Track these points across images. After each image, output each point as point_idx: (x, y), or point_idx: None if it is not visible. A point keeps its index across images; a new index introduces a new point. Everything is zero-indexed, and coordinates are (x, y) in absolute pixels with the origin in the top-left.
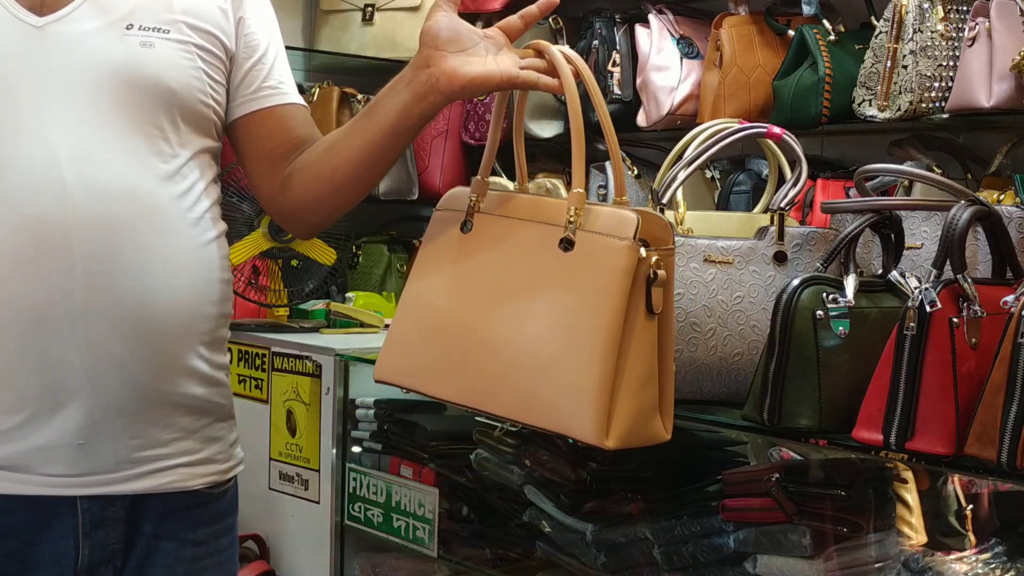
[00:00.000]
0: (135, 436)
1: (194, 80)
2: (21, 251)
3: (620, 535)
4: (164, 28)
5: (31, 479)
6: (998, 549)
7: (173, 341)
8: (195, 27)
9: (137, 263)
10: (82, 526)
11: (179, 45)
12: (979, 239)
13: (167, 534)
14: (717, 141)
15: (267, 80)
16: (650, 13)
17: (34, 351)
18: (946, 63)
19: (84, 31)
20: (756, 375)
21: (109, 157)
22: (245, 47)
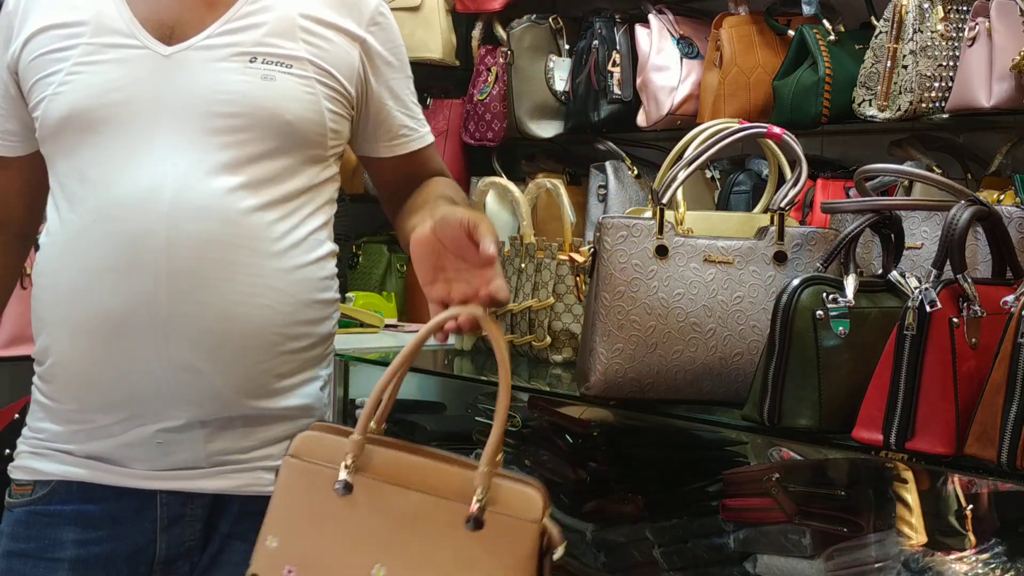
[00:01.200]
0: (213, 440)
1: (312, 114)
2: (117, 262)
3: (620, 535)
4: (287, 63)
5: (118, 471)
6: (998, 549)
7: (254, 357)
8: (319, 66)
9: (222, 282)
10: (160, 520)
11: (301, 80)
12: (979, 239)
13: (240, 535)
14: (717, 141)
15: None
16: (650, 13)
17: (118, 356)
18: (946, 63)
19: (208, 60)
20: (756, 375)
21: (212, 182)
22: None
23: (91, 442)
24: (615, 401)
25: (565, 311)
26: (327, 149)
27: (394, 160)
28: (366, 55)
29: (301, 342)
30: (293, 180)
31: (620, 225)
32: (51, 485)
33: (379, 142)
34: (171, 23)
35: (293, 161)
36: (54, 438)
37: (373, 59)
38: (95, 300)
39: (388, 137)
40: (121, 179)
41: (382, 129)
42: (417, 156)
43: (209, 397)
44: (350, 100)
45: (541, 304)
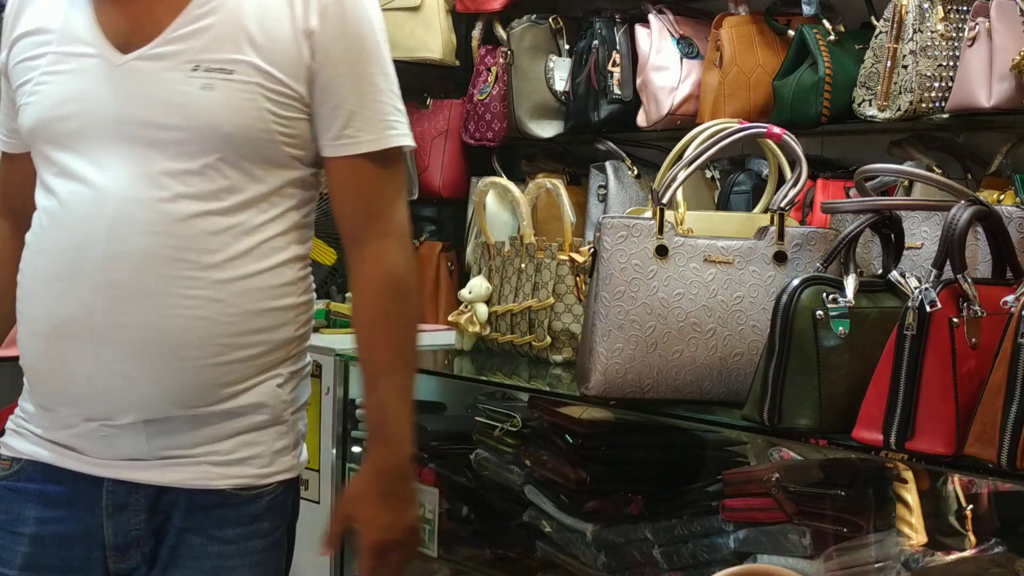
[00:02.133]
0: (155, 438)
1: (253, 122)
2: (61, 271)
3: (620, 535)
4: (228, 69)
5: (74, 456)
6: (998, 549)
7: (193, 369)
8: (262, 69)
9: (157, 295)
10: (105, 507)
11: (241, 86)
12: (979, 239)
13: (194, 528)
14: (717, 141)
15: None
16: (650, 13)
17: (63, 360)
18: (946, 63)
19: (154, 70)
20: (756, 375)
21: (153, 195)
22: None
23: (54, 430)
24: (615, 401)
25: (565, 311)
26: (282, 153)
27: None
28: (314, 49)
29: (251, 350)
30: (241, 189)
31: (620, 225)
32: (21, 463)
33: (326, 139)
34: (128, 31)
35: (239, 170)
36: (29, 419)
37: (321, 52)
38: (43, 305)
39: (334, 134)
40: (72, 189)
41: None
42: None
43: (147, 403)
44: (301, 99)
45: (541, 304)
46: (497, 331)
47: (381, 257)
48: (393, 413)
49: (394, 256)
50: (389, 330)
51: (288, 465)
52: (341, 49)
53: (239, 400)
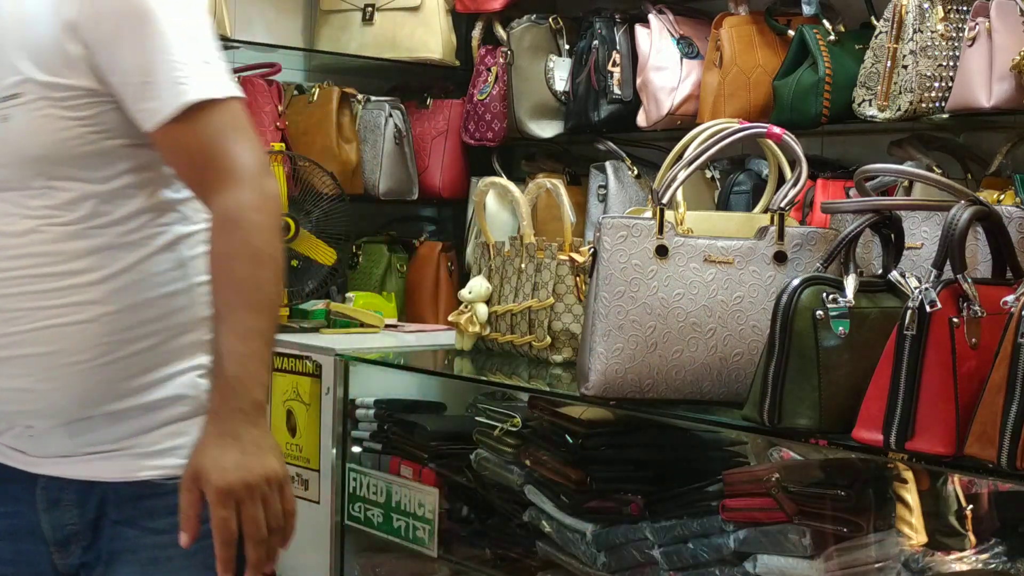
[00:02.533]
0: (76, 436)
1: (57, 133)
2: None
3: (620, 535)
4: (15, 94)
5: (15, 455)
6: (998, 549)
7: (88, 370)
8: (41, 82)
9: (32, 311)
10: (40, 503)
11: (31, 107)
12: (979, 239)
13: (127, 521)
14: (717, 141)
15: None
16: (650, 13)
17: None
18: (946, 63)
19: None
20: (756, 375)
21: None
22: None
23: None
24: (615, 401)
25: (565, 311)
26: (107, 146)
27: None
28: (82, 38)
29: (146, 341)
30: (83, 192)
31: (620, 225)
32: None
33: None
34: None
35: (71, 179)
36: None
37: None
38: None
39: (133, 111)
40: None
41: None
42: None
43: (54, 409)
44: (94, 92)
45: (541, 304)
46: (497, 331)
47: (221, 201)
48: (231, 354)
49: (233, 197)
50: (227, 268)
51: None
52: (107, 26)
53: (156, 393)
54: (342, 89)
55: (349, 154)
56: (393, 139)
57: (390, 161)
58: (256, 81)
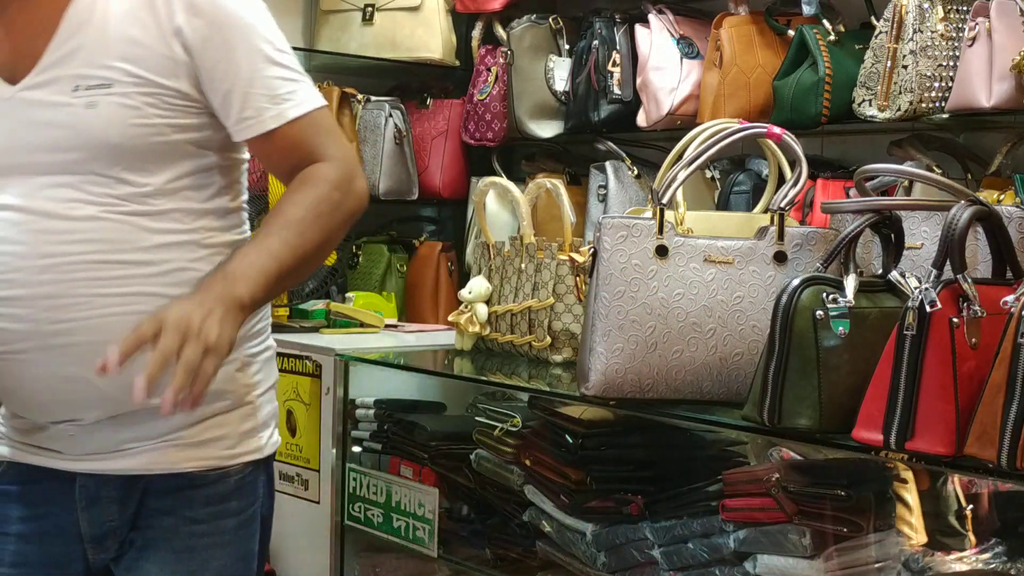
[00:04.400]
0: (119, 431)
1: (141, 128)
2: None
3: (620, 535)
4: (107, 84)
5: (48, 455)
6: (998, 549)
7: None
8: (138, 77)
9: (93, 298)
10: (78, 501)
11: (122, 98)
12: (979, 239)
13: (166, 510)
14: (717, 141)
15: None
16: (650, 13)
17: (19, 373)
18: (946, 63)
19: (40, 97)
20: (756, 375)
21: (66, 210)
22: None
23: (30, 433)
24: (615, 401)
25: (565, 311)
26: (183, 147)
27: (255, 142)
28: (186, 45)
29: None
30: (152, 187)
31: (620, 225)
32: (3, 466)
33: (229, 125)
34: (11, 62)
35: (144, 172)
36: (6, 425)
37: (194, 46)
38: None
39: (235, 119)
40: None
41: (226, 111)
42: (276, 137)
43: (104, 401)
44: (186, 96)
45: (541, 304)
46: (497, 331)
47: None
48: (241, 256)
49: (320, 168)
50: (283, 209)
51: (255, 446)
52: (214, 38)
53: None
54: (342, 89)
55: None
56: (393, 139)
57: (390, 161)
58: None
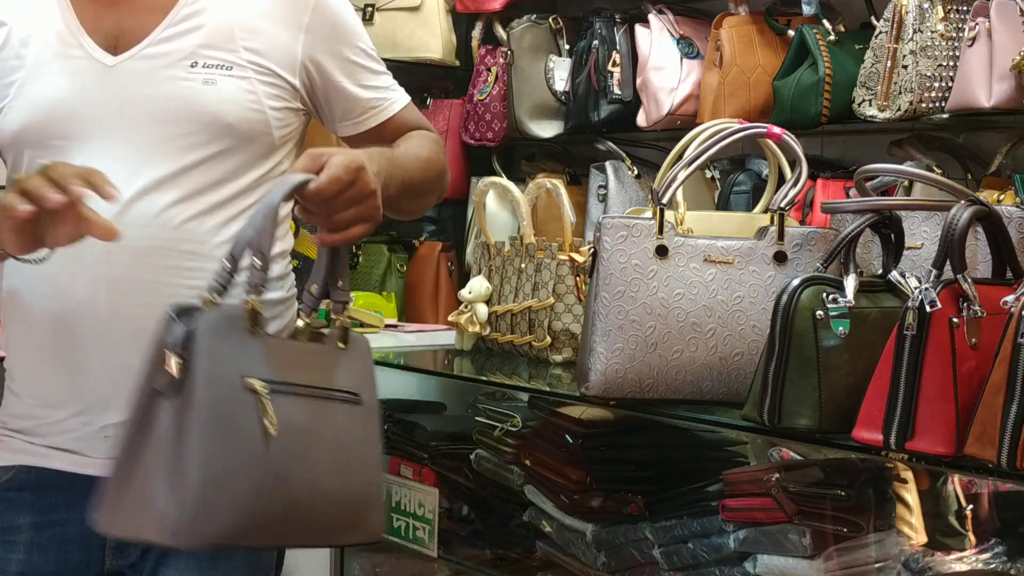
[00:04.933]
0: None
1: (254, 114)
2: (60, 269)
3: (620, 535)
4: (227, 65)
5: (73, 458)
6: (998, 549)
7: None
8: (258, 65)
9: (161, 285)
10: None
11: (241, 82)
12: (979, 239)
13: None
14: (717, 141)
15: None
16: (650, 13)
17: (67, 358)
18: (946, 63)
19: (151, 69)
20: (756, 375)
21: (153, 189)
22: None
23: (49, 436)
24: (615, 401)
25: (565, 311)
26: (274, 146)
27: (368, 134)
28: (309, 43)
29: None
30: (236, 182)
31: (620, 225)
32: (12, 471)
33: (346, 121)
34: (115, 32)
35: (237, 163)
36: (16, 427)
37: (317, 45)
38: (40, 303)
39: (354, 115)
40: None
41: (344, 109)
42: (390, 124)
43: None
44: (295, 92)
45: (541, 304)
46: (497, 331)
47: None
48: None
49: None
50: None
51: None
52: (333, 38)
53: None
54: None
55: None
56: None
57: None
58: None
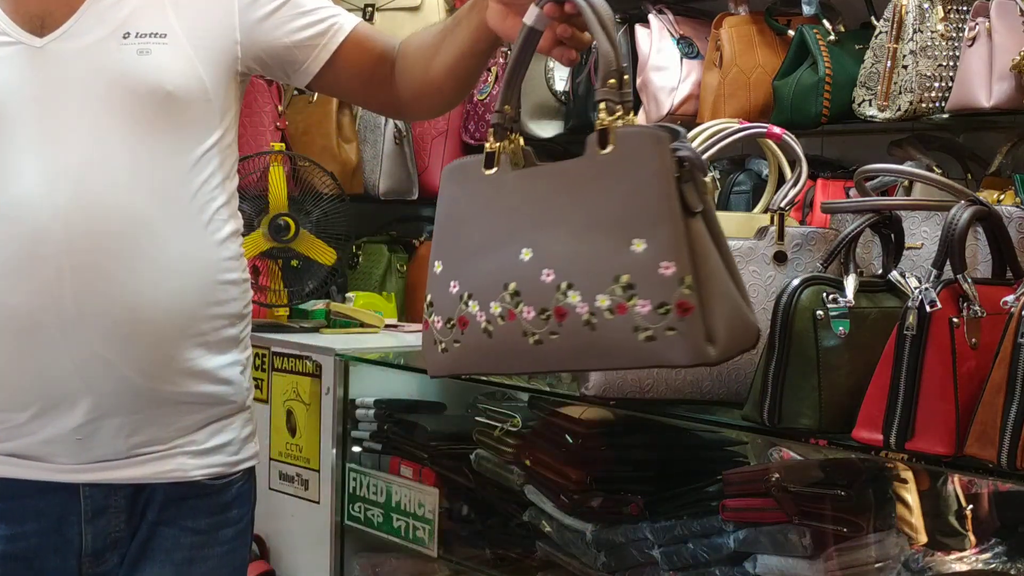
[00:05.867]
0: (134, 432)
1: (192, 81)
2: (16, 262)
3: (620, 535)
4: (161, 33)
5: (40, 466)
6: (998, 549)
7: (164, 343)
8: (192, 31)
9: (124, 271)
10: (84, 512)
11: (176, 49)
12: (979, 239)
13: (167, 521)
14: (717, 141)
15: (313, 27)
16: (650, 13)
17: (29, 354)
18: (946, 63)
19: (82, 46)
20: (756, 375)
21: (104, 169)
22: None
23: (11, 440)
24: (615, 401)
25: None
26: (217, 116)
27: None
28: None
29: (212, 323)
30: (188, 155)
31: None
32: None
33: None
34: (40, 14)
35: (184, 135)
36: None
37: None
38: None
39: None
40: (13, 179)
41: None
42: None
43: (123, 386)
44: (234, 58)
45: None
46: None
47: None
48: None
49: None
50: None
51: (252, 452)
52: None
53: (208, 387)
54: None
55: (349, 154)
56: (393, 139)
57: (390, 161)
58: (256, 81)
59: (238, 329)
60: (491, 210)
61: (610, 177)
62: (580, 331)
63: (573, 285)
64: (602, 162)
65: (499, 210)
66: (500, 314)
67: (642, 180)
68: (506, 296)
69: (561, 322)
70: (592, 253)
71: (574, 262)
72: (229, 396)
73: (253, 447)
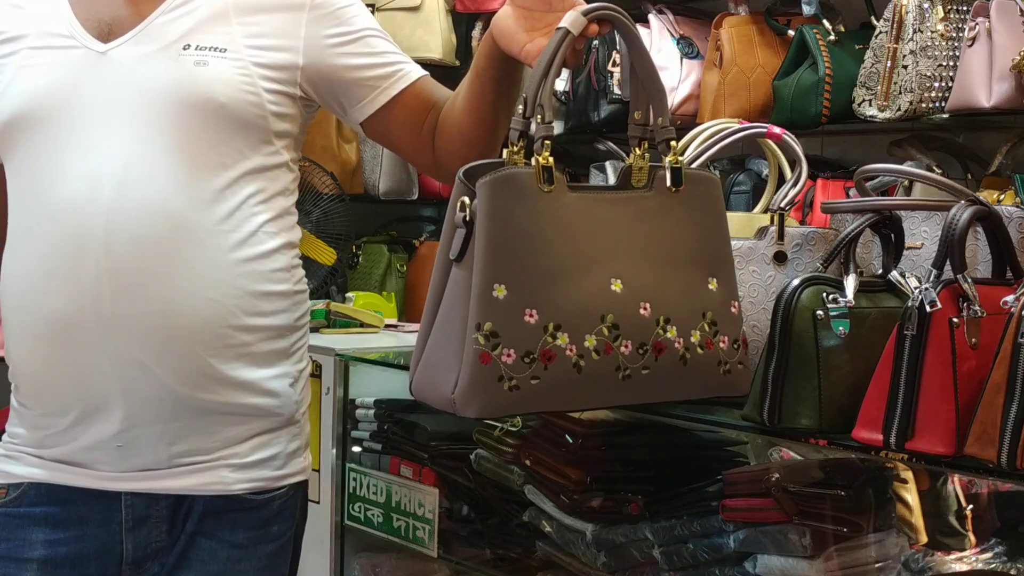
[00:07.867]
0: (175, 442)
1: (247, 95)
2: (57, 264)
3: (620, 535)
4: (221, 47)
5: (83, 472)
6: (998, 549)
7: (200, 351)
8: (256, 47)
9: (164, 277)
10: (125, 521)
11: (235, 63)
12: (979, 239)
13: (206, 532)
14: (717, 141)
15: (380, 68)
16: (650, 13)
17: (68, 356)
18: (946, 63)
19: (142, 54)
20: (756, 375)
21: (150, 176)
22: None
23: (56, 447)
24: None
25: None
26: (272, 133)
27: (390, 110)
28: (312, 24)
29: (254, 335)
30: (235, 168)
31: None
32: (22, 487)
33: (362, 100)
34: (109, 21)
35: (233, 147)
36: (25, 442)
37: (321, 25)
38: (40, 303)
39: (368, 89)
40: (60, 180)
41: (356, 85)
42: (412, 95)
43: (159, 394)
44: (294, 77)
45: None
46: None
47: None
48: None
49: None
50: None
51: (300, 467)
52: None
53: (251, 398)
54: None
55: (349, 154)
56: None
57: (390, 161)
58: None
59: (288, 341)
60: (563, 234)
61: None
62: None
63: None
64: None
65: (573, 235)
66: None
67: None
68: (603, 329)
69: (658, 357)
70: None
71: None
72: (275, 409)
73: (301, 462)
